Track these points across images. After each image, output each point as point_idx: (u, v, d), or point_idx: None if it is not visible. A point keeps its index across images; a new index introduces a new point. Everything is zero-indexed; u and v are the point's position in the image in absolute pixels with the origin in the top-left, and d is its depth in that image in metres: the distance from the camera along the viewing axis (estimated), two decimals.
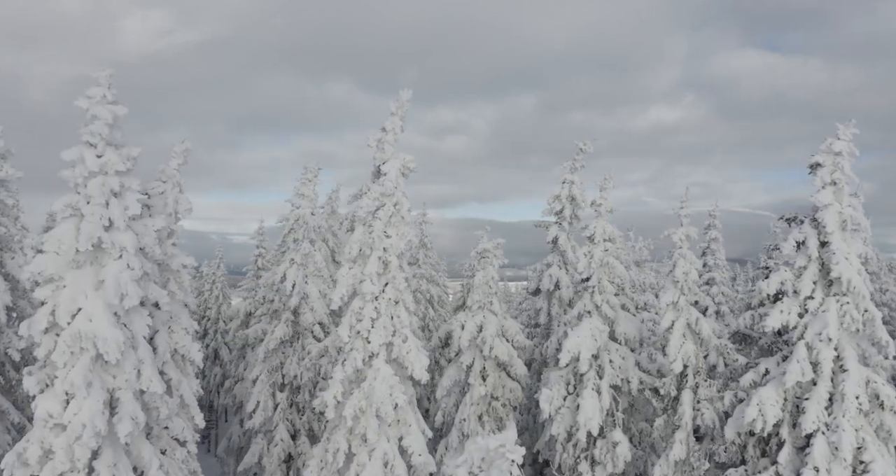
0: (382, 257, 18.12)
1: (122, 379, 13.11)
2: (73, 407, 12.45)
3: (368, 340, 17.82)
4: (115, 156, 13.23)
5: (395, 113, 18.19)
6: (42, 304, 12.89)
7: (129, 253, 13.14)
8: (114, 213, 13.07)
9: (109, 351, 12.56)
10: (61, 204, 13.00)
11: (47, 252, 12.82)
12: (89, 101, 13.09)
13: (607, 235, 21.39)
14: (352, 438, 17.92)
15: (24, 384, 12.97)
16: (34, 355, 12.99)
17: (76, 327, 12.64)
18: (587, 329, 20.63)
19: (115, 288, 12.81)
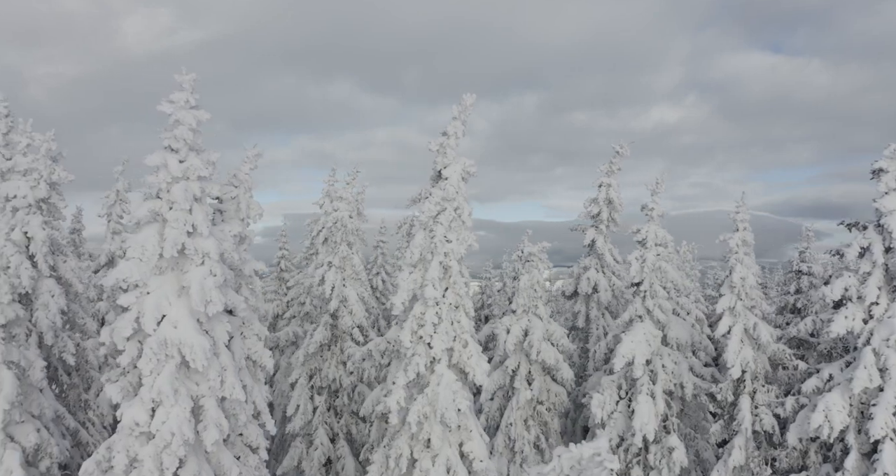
0: (443, 262, 18.04)
1: (205, 386, 13.00)
2: (160, 415, 12.33)
3: (430, 345, 17.75)
4: (198, 161, 13.13)
5: (457, 117, 18.10)
6: (126, 311, 12.76)
7: (212, 259, 13.03)
8: (197, 219, 12.96)
9: (196, 358, 12.45)
10: (145, 209, 12.88)
11: (131, 258, 12.69)
12: (173, 106, 12.98)
13: (659, 240, 21.33)
14: (414, 444, 17.84)
15: (107, 392, 12.84)
16: (118, 362, 12.87)
17: (162, 334, 12.53)
18: (641, 334, 20.57)
19: (199, 294, 12.69)
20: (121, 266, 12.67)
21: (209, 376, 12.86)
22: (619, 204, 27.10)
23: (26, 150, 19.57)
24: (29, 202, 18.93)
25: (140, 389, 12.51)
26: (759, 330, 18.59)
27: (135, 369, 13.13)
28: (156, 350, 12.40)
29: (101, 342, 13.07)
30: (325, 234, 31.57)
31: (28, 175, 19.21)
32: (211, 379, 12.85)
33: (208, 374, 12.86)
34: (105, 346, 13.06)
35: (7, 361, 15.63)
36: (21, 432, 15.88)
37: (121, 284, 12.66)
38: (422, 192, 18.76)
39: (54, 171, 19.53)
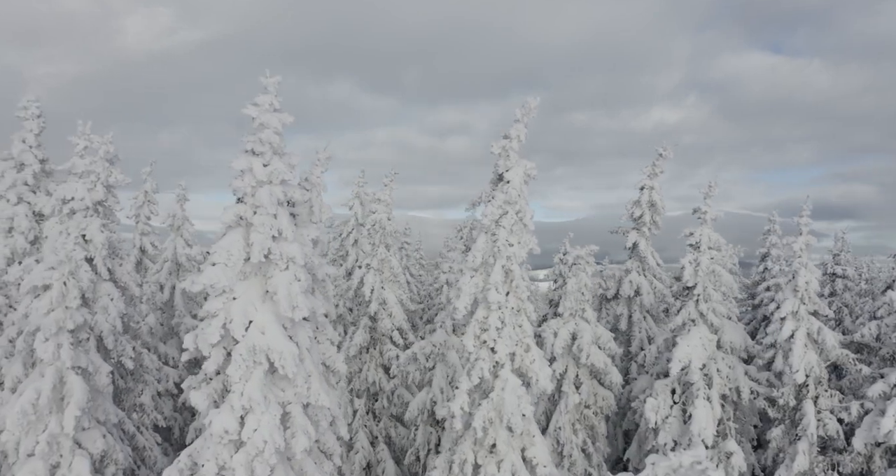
0: (505, 266, 17.93)
1: (291, 392, 12.88)
2: (251, 422, 12.19)
3: (494, 350, 17.64)
4: (281, 164, 13.01)
5: (519, 120, 17.99)
6: (212, 317, 12.63)
7: (296, 264, 12.91)
8: (282, 223, 12.84)
9: (286, 365, 12.33)
10: (231, 214, 12.75)
11: (217, 264, 12.56)
12: (258, 109, 12.86)
13: (712, 243, 21.22)
14: (478, 449, 17.73)
15: (192, 399, 12.71)
16: (204, 369, 12.74)
17: (250, 340, 12.40)
18: (696, 338, 20.47)
19: (287, 300, 12.57)
20: (207, 271, 12.53)
21: (296, 383, 12.74)
22: (662, 207, 27.01)
23: (83, 153, 19.47)
24: (87, 205, 18.80)
25: (229, 396, 12.37)
26: (823, 334, 18.49)
27: (217, 376, 13.00)
28: (245, 356, 12.28)
29: (183, 348, 12.93)
30: (355, 235, 31.54)
31: (85, 177, 19.09)
32: (298, 385, 12.73)
33: (296, 380, 12.74)
34: (188, 351, 12.92)
35: (75, 367, 15.49)
36: (88, 439, 15.75)
37: (208, 290, 12.52)
38: (482, 195, 18.65)
39: (111, 173, 19.40)
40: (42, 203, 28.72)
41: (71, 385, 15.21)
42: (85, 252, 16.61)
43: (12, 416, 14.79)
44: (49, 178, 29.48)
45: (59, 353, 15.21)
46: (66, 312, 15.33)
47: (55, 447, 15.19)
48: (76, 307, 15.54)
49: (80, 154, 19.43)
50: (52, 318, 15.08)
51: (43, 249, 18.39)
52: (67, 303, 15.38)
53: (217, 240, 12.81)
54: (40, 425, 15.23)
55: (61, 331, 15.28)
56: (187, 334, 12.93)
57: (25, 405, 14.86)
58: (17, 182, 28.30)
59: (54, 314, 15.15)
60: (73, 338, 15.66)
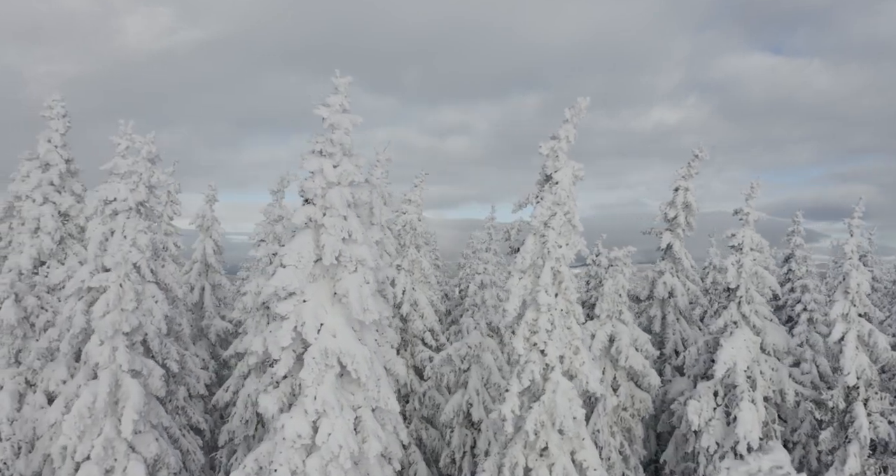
0: (554, 268, 17.82)
1: (360, 396, 12.75)
2: (325, 427, 12.05)
3: (544, 352, 17.51)
4: (350, 165, 12.86)
5: (569, 120, 17.86)
6: (283, 320, 12.47)
7: (365, 266, 12.77)
8: (352, 225, 12.70)
9: (359, 369, 12.19)
10: (301, 216, 12.60)
11: (288, 266, 12.41)
12: (328, 110, 12.71)
13: (754, 245, 21.13)
14: (528, 452, 17.60)
15: (261, 403, 12.55)
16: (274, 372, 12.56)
17: (323, 343, 12.25)
18: (741, 340, 20.38)
19: (358, 302, 12.43)
20: (279, 273, 12.38)
21: (367, 386, 12.59)
22: (697, 208, 26.90)
23: (125, 153, 19.29)
24: (129, 205, 18.65)
25: (301, 400, 12.21)
26: (874, 337, 18.42)
27: (285, 379, 12.84)
28: (318, 360, 12.13)
29: (251, 351, 12.76)
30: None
31: (127, 178, 18.92)
32: (369, 389, 12.59)
33: (367, 384, 12.58)
34: (255, 354, 12.76)
35: (131, 370, 15.32)
36: (142, 443, 15.59)
37: (278, 292, 12.36)
38: (528, 196, 18.51)
39: (153, 173, 19.24)
40: (68, 203, 28.56)
41: (127, 388, 15.04)
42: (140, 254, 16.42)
43: (69, 421, 14.64)
44: (74, 178, 29.27)
45: (114, 356, 15.06)
46: (121, 315, 15.17)
47: (110, 451, 15.03)
48: (132, 310, 15.36)
49: (122, 154, 19.26)
50: (108, 321, 14.91)
51: (87, 251, 18.17)
52: (123, 305, 15.22)
53: (287, 241, 12.63)
54: (95, 429, 15.06)
55: (117, 333, 15.12)
56: (255, 337, 12.76)
57: (81, 409, 14.70)
58: (42, 182, 28.07)
59: (110, 317, 14.99)
60: (127, 341, 15.48)
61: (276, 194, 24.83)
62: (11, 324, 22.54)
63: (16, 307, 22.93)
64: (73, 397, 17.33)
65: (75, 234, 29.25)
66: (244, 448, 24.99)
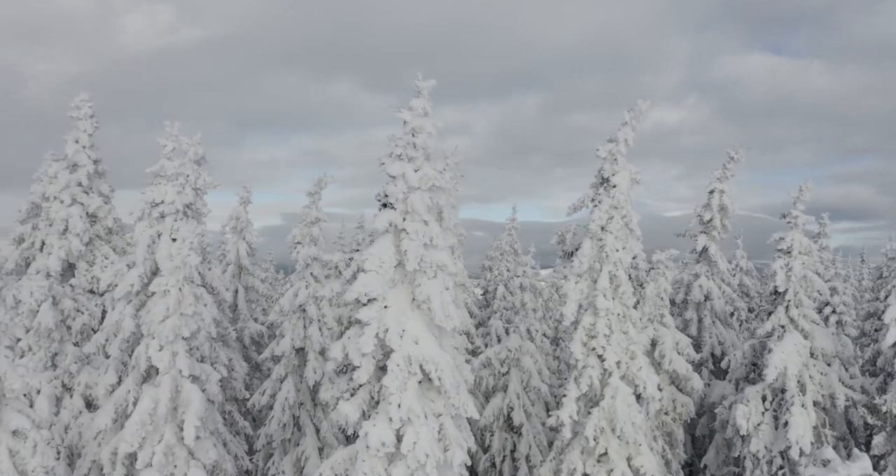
0: (612, 271, 17.65)
1: (441, 403, 12.51)
2: (410, 435, 11.81)
3: (602, 357, 17.34)
4: (431, 170, 12.63)
5: (627, 123, 17.69)
6: (364, 325, 12.23)
7: (445, 272, 12.55)
8: (433, 231, 12.47)
9: (443, 376, 11.97)
10: (384, 220, 12.35)
11: (369, 271, 12.17)
12: (411, 114, 12.47)
13: (803, 248, 20.99)
14: (585, 458, 17.43)
15: (342, 410, 12.30)
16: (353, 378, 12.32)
17: (406, 350, 12.02)
18: (791, 344, 20.24)
19: (441, 309, 12.21)
20: (361, 279, 12.13)
21: (449, 393, 12.36)
22: (733, 210, 26.75)
23: (171, 155, 18.98)
24: (177, 208, 18.38)
25: (385, 408, 11.96)
26: None
27: (362, 386, 12.60)
28: (402, 366, 11.89)
29: (330, 357, 12.53)
30: None
31: (174, 180, 18.63)
32: (451, 396, 12.35)
33: (449, 391, 12.35)
34: (333, 360, 12.52)
35: (191, 375, 15.05)
36: (201, 449, 15.32)
37: (360, 298, 12.12)
38: (583, 199, 18.32)
39: (199, 175, 18.94)
40: (96, 204, 28.23)
41: (187, 394, 14.77)
42: (199, 257, 16.14)
43: (130, 427, 14.36)
44: (102, 179, 28.95)
45: (174, 361, 14.78)
46: (181, 319, 14.89)
47: (171, 458, 14.76)
48: (191, 314, 15.08)
49: (168, 156, 18.95)
50: (168, 326, 14.64)
51: (136, 254, 17.87)
52: (182, 309, 14.93)
53: (367, 246, 12.40)
54: (156, 436, 14.78)
55: (177, 338, 14.84)
56: (334, 343, 12.53)
57: (143, 415, 14.43)
58: (70, 183, 27.73)
59: (170, 321, 14.71)
60: (186, 345, 15.21)
61: (313, 196, 24.57)
62: (49, 327, 22.23)
63: (53, 310, 22.64)
64: (122, 403, 17.04)
65: (103, 235, 28.93)
66: (281, 452, 24.74)
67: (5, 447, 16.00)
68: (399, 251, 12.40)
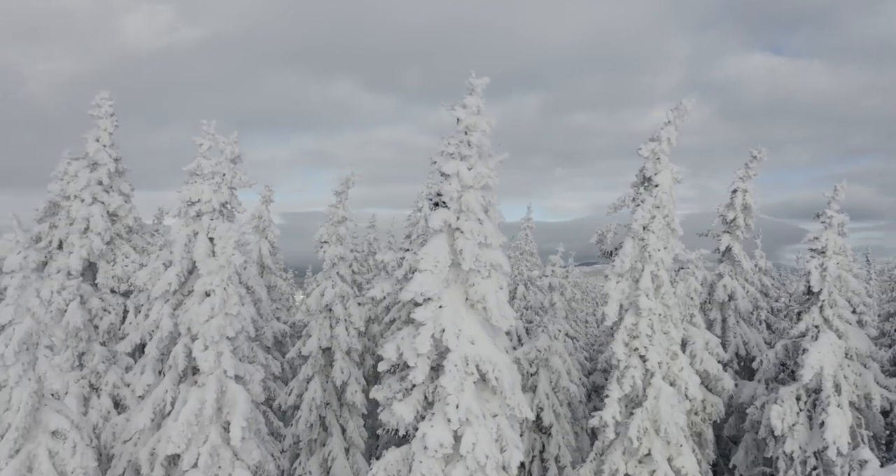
0: (653, 271, 17.54)
1: (495, 404, 12.39)
2: (468, 436, 11.69)
3: (645, 358, 17.23)
4: (484, 168, 12.51)
5: (671, 122, 17.59)
6: (420, 325, 12.09)
7: (498, 271, 12.42)
8: (487, 229, 12.34)
9: (500, 376, 11.85)
10: (439, 219, 12.22)
11: (424, 270, 12.04)
12: (465, 112, 12.33)
13: (838, 248, 20.89)
14: (627, 459, 17.32)
15: (396, 410, 12.17)
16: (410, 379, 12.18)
17: (463, 350, 11.89)
18: (827, 344, 20.14)
19: (497, 308, 12.08)
20: (416, 278, 12.00)
21: (505, 394, 12.23)
22: (756, 210, 26.64)
23: (207, 153, 18.84)
24: (213, 207, 18.24)
25: (443, 408, 11.83)
26: None
27: (416, 387, 12.47)
28: (459, 367, 11.76)
29: (382, 356, 12.39)
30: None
31: (210, 179, 18.48)
32: (507, 397, 12.23)
33: (505, 391, 12.22)
34: (386, 360, 12.39)
35: (235, 376, 14.91)
36: (245, 450, 15.17)
37: (416, 298, 11.98)
38: (624, 198, 18.21)
39: (235, 174, 18.80)
40: (116, 203, 28.08)
41: (233, 395, 14.63)
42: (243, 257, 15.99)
43: (177, 428, 14.21)
44: (122, 178, 28.80)
45: (219, 361, 14.63)
46: (226, 319, 14.73)
47: (216, 459, 14.61)
48: (235, 314, 14.93)
49: (205, 154, 18.80)
50: (213, 325, 14.48)
51: (173, 253, 17.73)
52: (228, 309, 14.78)
53: (421, 246, 12.27)
54: (201, 436, 14.63)
55: (222, 338, 14.69)
56: (387, 343, 12.40)
57: (189, 416, 14.28)
58: (91, 182, 27.58)
59: (216, 321, 14.55)
60: (231, 345, 15.06)
61: (340, 195, 24.44)
62: (77, 326, 22.10)
63: (81, 310, 22.51)
64: (160, 403, 16.92)
65: (124, 234, 28.79)
66: (307, 452, 24.63)
67: (45, 448, 15.84)
68: (454, 250, 12.27)
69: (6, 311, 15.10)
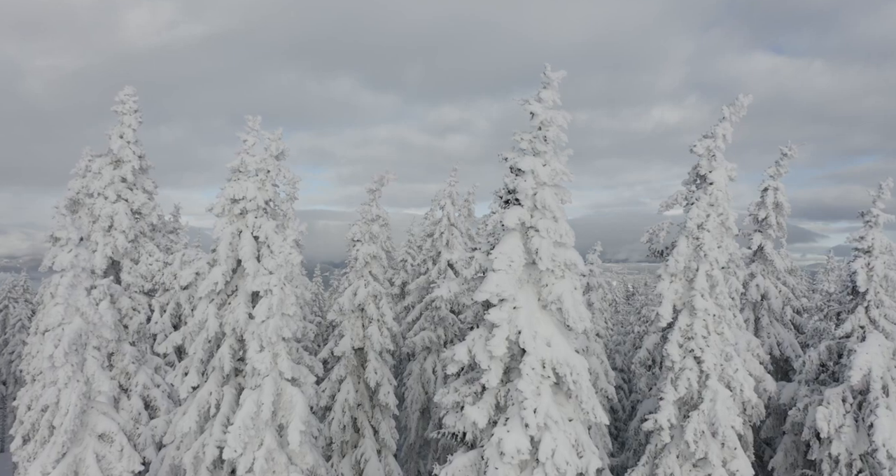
0: (708, 271, 17.22)
1: (570, 408, 12.05)
2: (547, 441, 11.34)
3: (700, 360, 16.90)
4: (559, 164, 12.16)
5: (726, 118, 17.27)
6: (495, 327, 11.74)
7: (573, 271, 12.07)
8: (562, 228, 11.99)
9: (579, 380, 11.51)
10: (513, 217, 11.86)
11: (499, 270, 11.69)
12: (542, 106, 11.98)
13: (884, 247, 20.61)
14: (682, 462, 17.00)
15: (469, 415, 11.81)
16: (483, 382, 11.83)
17: (539, 353, 11.54)
18: (875, 345, 19.87)
19: (574, 310, 11.74)
20: (490, 278, 11.64)
21: (582, 398, 11.89)
22: (788, 208, 26.33)
23: (251, 150, 18.42)
24: (258, 204, 17.84)
25: (521, 413, 11.48)
26: None
27: (487, 390, 12.11)
28: (536, 370, 11.42)
29: (452, 359, 12.03)
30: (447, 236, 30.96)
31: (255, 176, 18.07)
32: (584, 401, 11.88)
33: (582, 395, 11.88)
34: (456, 362, 12.04)
35: (292, 378, 14.54)
36: (299, 454, 14.81)
37: (491, 299, 11.63)
38: (675, 197, 17.90)
39: (280, 170, 18.38)
40: (140, 201, 27.66)
41: (290, 397, 14.26)
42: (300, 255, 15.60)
43: (233, 432, 13.83)
44: (145, 175, 28.38)
45: (276, 363, 14.26)
46: (283, 320, 14.36)
47: (271, 463, 14.24)
48: (292, 314, 14.56)
49: (249, 151, 18.38)
50: (271, 326, 14.11)
51: (218, 251, 17.31)
52: (284, 309, 14.41)
53: (494, 244, 11.92)
54: (256, 441, 14.26)
55: (279, 339, 14.32)
56: (459, 345, 12.03)
57: (245, 420, 13.91)
58: (115, 179, 27.23)
59: (273, 321, 14.17)
60: (287, 347, 14.69)
61: (374, 193, 24.07)
62: (108, 326, 21.67)
63: (112, 310, 22.09)
64: (205, 405, 16.53)
65: (147, 232, 28.38)
66: (339, 454, 24.27)
67: (91, 451, 15.50)
68: (528, 249, 11.92)
69: (56, 310, 14.73)
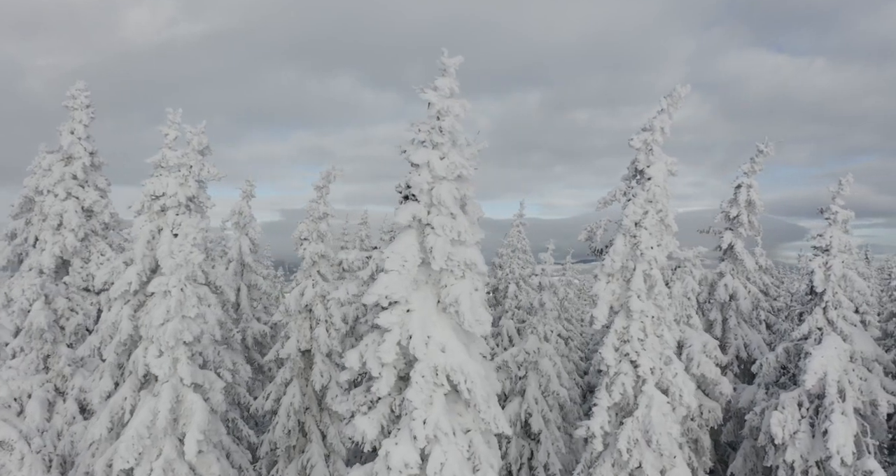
0: (646, 271, 16.40)
1: (469, 418, 11.27)
2: (437, 454, 10.56)
3: (636, 364, 16.11)
4: (458, 157, 11.37)
5: (664, 110, 16.42)
6: (385, 332, 10.98)
7: (475, 271, 11.29)
8: (461, 225, 11.20)
9: (473, 388, 10.72)
10: (407, 214, 11.09)
11: (391, 271, 10.91)
12: (437, 95, 11.19)
13: (843, 246, 19.74)
14: (617, 471, 16.21)
15: (358, 425, 11.06)
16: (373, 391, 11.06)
17: (432, 359, 10.77)
18: (831, 348, 19.00)
19: (470, 312, 10.94)
20: (381, 279, 10.87)
21: (480, 407, 11.11)
22: (761, 206, 25.46)
23: (173, 144, 17.70)
24: (179, 201, 17.11)
25: (409, 424, 10.70)
26: None
27: (381, 399, 11.35)
28: (428, 378, 10.64)
29: (346, 366, 11.28)
30: None
31: (176, 171, 17.36)
32: (482, 410, 11.10)
33: (479, 404, 11.10)
34: (348, 370, 11.28)
35: (193, 384, 13.80)
36: (203, 464, 14.09)
37: (381, 301, 10.86)
38: (614, 193, 17.10)
39: (203, 166, 17.67)
40: (91, 198, 26.93)
41: (189, 405, 13.54)
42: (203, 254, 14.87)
43: (125, 441, 13.12)
44: (98, 172, 27.66)
45: (175, 368, 13.53)
46: (183, 323, 13.62)
47: (170, 474, 13.50)
48: (193, 317, 13.81)
49: (170, 145, 17.66)
50: (169, 330, 13.38)
51: (134, 250, 16.60)
52: (185, 311, 13.67)
53: (388, 243, 11.14)
54: (154, 450, 13.54)
55: (178, 343, 13.58)
56: (350, 352, 11.28)
57: (139, 428, 13.19)
58: (65, 176, 26.48)
59: (171, 325, 13.45)
60: (189, 351, 13.95)
61: (321, 190, 23.31)
62: (41, 328, 21.00)
63: (46, 310, 21.43)
64: (118, 411, 15.81)
65: (99, 231, 27.66)
66: (285, 459, 23.54)
67: None
68: (423, 248, 11.14)
69: None
